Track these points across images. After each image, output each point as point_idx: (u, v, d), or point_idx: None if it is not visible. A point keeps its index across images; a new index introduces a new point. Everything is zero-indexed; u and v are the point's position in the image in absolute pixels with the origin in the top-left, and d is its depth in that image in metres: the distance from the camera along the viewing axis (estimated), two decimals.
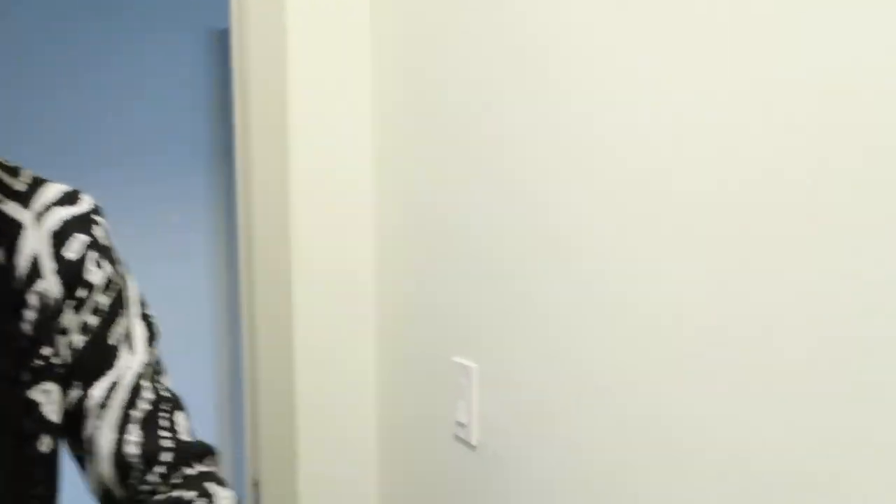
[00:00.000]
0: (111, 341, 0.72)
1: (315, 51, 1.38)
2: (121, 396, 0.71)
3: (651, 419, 0.77)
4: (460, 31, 1.10)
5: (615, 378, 0.82)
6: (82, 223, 0.72)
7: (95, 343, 0.71)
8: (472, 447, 1.12)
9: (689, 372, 0.71)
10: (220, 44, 2.90)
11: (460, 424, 1.14)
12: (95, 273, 0.71)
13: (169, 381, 0.76)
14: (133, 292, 0.77)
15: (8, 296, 0.67)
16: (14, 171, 0.73)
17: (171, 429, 0.73)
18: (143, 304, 0.78)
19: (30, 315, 0.67)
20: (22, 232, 0.69)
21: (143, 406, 0.72)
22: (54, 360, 0.69)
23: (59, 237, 0.70)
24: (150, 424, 0.72)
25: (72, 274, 0.70)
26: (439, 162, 1.18)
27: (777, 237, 0.62)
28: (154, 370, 0.75)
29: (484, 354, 1.08)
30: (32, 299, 0.68)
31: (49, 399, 0.68)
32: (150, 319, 0.77)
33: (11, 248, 0.68)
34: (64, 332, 0.70)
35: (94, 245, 0.72)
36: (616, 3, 0.79)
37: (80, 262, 0.71)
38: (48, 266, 0.69)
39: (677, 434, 0.73)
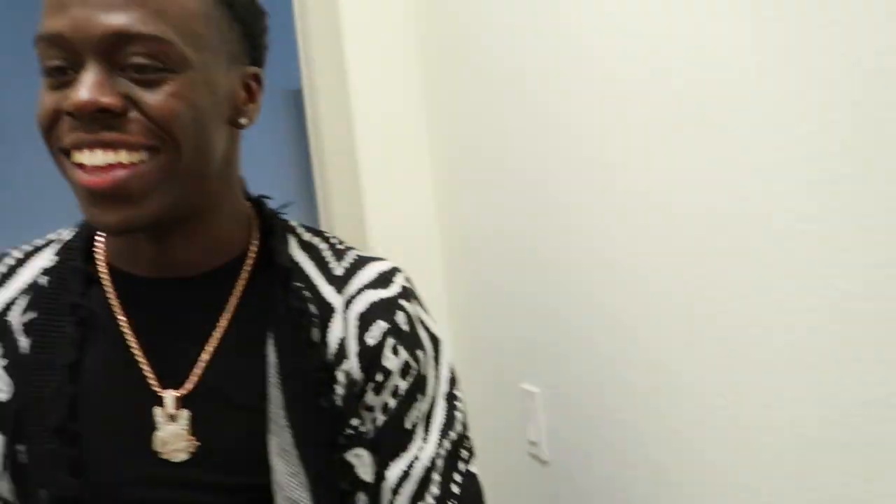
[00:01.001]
0: (407, 425, 0.76)
1: (374, 103, 1.53)
2: (409, 488, 0.75)
3: (684, 416, 0.87)
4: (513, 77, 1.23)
5: (655, 380, 0.92)
6: (387, 309, 0.76)
7: (393, 424, 0.75)
8: (544, 462, 1.23)
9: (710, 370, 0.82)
10: (287, 102, 3.17)
11: (532, 443, 1.25)
12: (392, 360, 0.75)
13: (473, 465, 0.79)
14: (442, 374, 0.80)
15: (323, 371, 0.74)
16: (340, 255, 0.79)
17: None
18: (452, 385, 0.80)
19: (339, 390, 0.74)
20: (333, 316, 0.75)
21: (429, 501, 0.75)
22: (362, 429, 0.74)
23: (364, 320, 0.75)
24: None
25: (370, 359, 0.75)
26: (501, 199, 1.31)
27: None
28: (447, 461, 0.77)
29: (546, 379, 1.20)
30: (340, 376, 0.74)
31: (361, 462, 0.73)
32: (455, 402, 0.80)
33: (325, 328, 0.75)
34: (369, 409, 0.75)
35: (394, 331, 0.76)
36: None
37: (379, 349, 0.75)
38: (352, 348, 0.75)
39: (697, 424, 0.84)
